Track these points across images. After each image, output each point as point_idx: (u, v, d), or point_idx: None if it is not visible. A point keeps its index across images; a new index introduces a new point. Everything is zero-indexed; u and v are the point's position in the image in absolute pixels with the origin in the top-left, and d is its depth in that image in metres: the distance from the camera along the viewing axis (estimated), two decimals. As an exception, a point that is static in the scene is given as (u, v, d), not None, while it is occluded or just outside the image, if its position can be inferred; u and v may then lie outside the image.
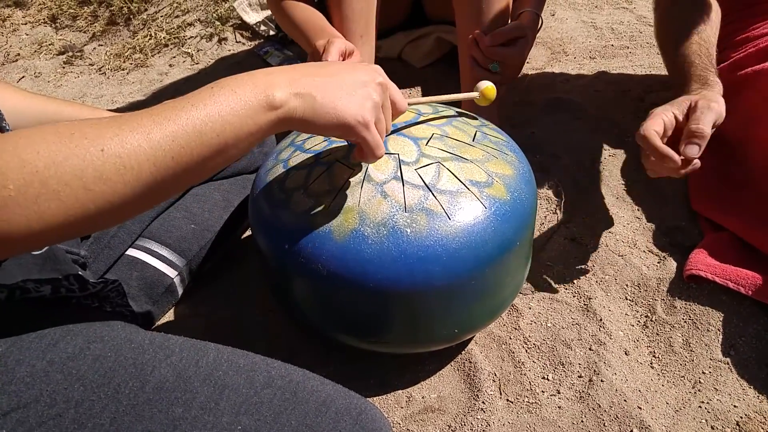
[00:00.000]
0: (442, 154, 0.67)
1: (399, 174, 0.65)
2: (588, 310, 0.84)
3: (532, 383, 0.77)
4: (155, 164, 0.43)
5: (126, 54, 1.78)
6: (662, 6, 0.99)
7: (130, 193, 0.42)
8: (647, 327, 0.82)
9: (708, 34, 0.90)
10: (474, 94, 0.75)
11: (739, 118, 0.95)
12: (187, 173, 0.45)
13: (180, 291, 0.88)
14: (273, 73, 0.51)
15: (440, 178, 0.64)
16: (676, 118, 0.78)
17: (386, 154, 0.67)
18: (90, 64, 1.79)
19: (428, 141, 0.69)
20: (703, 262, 0.84)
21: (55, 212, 0.40)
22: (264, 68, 0.52)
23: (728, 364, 0.76)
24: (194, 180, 0.48)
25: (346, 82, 0.53)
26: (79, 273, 0.61)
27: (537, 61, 1.45)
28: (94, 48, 1.87)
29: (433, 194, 0.63)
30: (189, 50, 1.73)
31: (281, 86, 0.49)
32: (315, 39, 0.97)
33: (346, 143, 0.69)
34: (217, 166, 0.48)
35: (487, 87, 0.75)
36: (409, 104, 0.65)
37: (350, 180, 0.65)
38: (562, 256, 0.94)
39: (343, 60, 0.93)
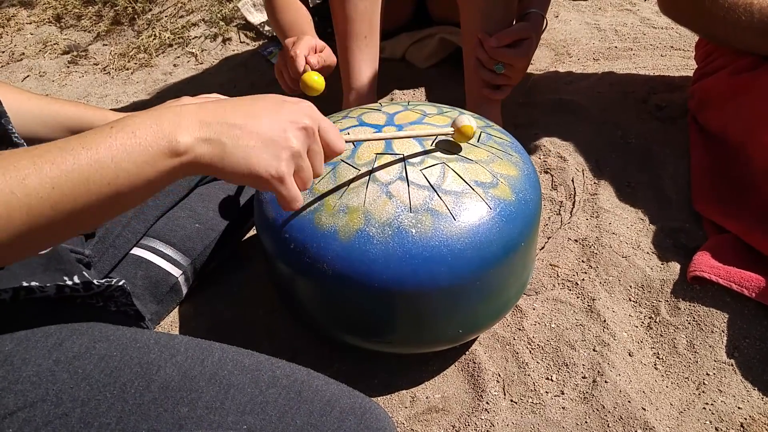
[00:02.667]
0: (447, 154, 0.67)
1: (404, 174, 0.65)
2: (592, 311, 0.84)
3: (536, 384, 0.77)
4: (29, 213, 0.39)
5: (130, 54, 1.78)
6: None
7: (2, 237, 0.39)
8: (651, 328, 0.82)
9: None
10: (446, 130, 0.66)
11: (740, 120, 0.95)
12: (71, 224, 0.42)
13: (184, 290, 0.88)
14: (183, 114, 0.46)
15: (445, 179, 0.65)
16: None
17: (392, 154, 0.67)
18: (94, 64, 1.80)
19: (433, 142, 0.69)
20: (706, 264, 0.84)
21: None
22: (178, 104, 0.47)
23: (732, 365, 0.76)
24: (82, 229, 0.44)
25: (262, 128, 0.48)
26: (84, 273, 0.61)
27: (541, 63, 1.45)
28: (99, 48, 1.88)
29: (438, 195, 0.63)
30: (193, 50, 1.74)
31: (189, 130, 0.45)
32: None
33: (351, 144, 0.70)
34: (109, 215, 0.45)
35: (465, 125, 0.64)
36: (347, 141, 0.59)
37: (356, 180, 0.65)
38: (565, 257, 0.94)
39: (316, 53, 0.93)
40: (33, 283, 0.56)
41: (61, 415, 0.49)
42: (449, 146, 0.68)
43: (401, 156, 0.67)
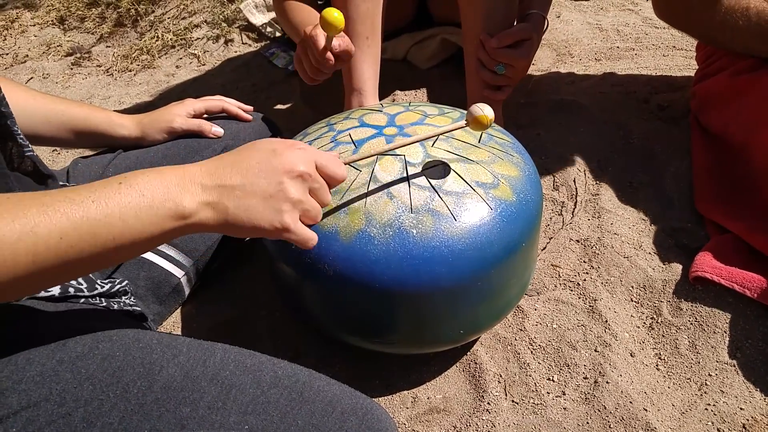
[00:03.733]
0: (448, 155, 0.67)
1: (405, 175, 0.65)
2: (593, 312, 0.84)
3: (537, 384, 0.77)
4: (34, 261, 0.40)
5: (133, 55, 1.79)
6: None
7: (4, 280, 0.40)
8: (653, 329, 0.82)
9: None
10: (461, 123, 0.63)
11: (742, 121, 0.95)
12: (69, 272, 0.43)
13: (187, 291, 0.88)
14: (186, 176, 0.49)
15: (446, 180, 0.65)
16: None
17: (393, 155, 0.67)
18: (97, 66, 1.80)
19: (434, 142, 0.69)
20: (709, 264, 0.84)
21: None
22: (179, 167, 0.50)
23: (735, 366, 0.76)
24: (78, 276, 0.45)
25: (261, 185, 0.51)
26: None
27: (542, 63, 1.45)
28: (102, 49, 1.88)
29: (439, 195, 0.63)
30: (196, 51, 1.74)
31: (192, 194, 0.48)
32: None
33: (353, 144, 0.70)
34: (107, 265, 0.46)
35: (480, 115, 0.61)
36: (346, 164, 0.61)
37: (357, 181, 0.65)
38: (567, 258, 0.94)
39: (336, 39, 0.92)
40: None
41: (64, 414, 0.50)
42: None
43: (402, 156, 0.67)
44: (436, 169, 0.67)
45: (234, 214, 0.49)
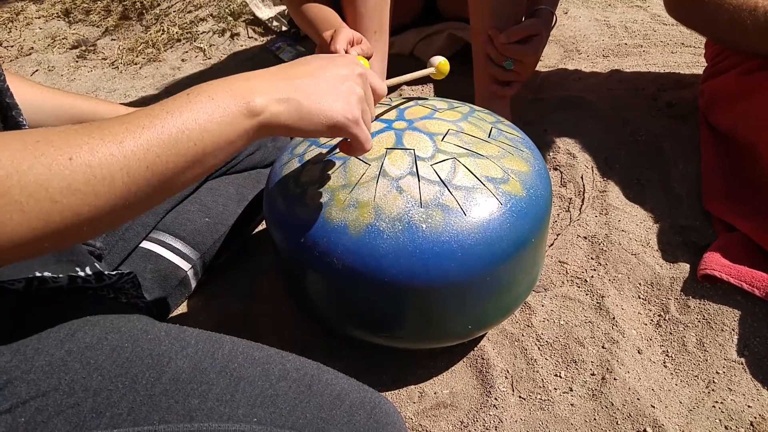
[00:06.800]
0: (458, 150, 0.67)
1: (415, 169, 0.65)
2: (601, 309, 0.84)
3: (544, 380, 0.77)
4: (129, 174, 0.41)
5: (139, 48, 1.79)
6: None
7: (103, 204, 0.40)
8: (660, 326, 0.82)
9: None
10: (430, 70, 0.79)
11: (751, 120, 0.95)
12: (163, 184, 0.44)
13: (193, 284, 0.88)
14: (252, 78, 0.49)
15: (456, 174, 0.64)
16: None
17: (402, 149, 0.67)
18: (103, 59, 1.80)
19: (444, 137, 0.69)
20: (717, 262, 0.84)
21: (17, 225, 0.37)
22: (242, 73, 0.50)
23: (742, 364, 0.75)
24: (172, 191, 0.46)
25: (327, 80, 0.52)
26: (96, 265, 0.61)
27: (550, 59, 1.44)
28: (107, 42, 1.88)
29: (448, 190, 0.63)
30: (201, 45, 1.74)
31: (261, 92, 0.48)
32: (323, 31, 0.97)
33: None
34: (196, 176, 0.47)
35: (441, 62, 0.78)
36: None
37: (366, 175, 0.65)
38: (574, 254, 0.93)
39: (352, 46, 0.93)
40: (46, 273, 0.56)
41: (73, 404, 0.50)
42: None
43: (411, 151, 0.67)
44: None
45: (307, 108, 0.50)
